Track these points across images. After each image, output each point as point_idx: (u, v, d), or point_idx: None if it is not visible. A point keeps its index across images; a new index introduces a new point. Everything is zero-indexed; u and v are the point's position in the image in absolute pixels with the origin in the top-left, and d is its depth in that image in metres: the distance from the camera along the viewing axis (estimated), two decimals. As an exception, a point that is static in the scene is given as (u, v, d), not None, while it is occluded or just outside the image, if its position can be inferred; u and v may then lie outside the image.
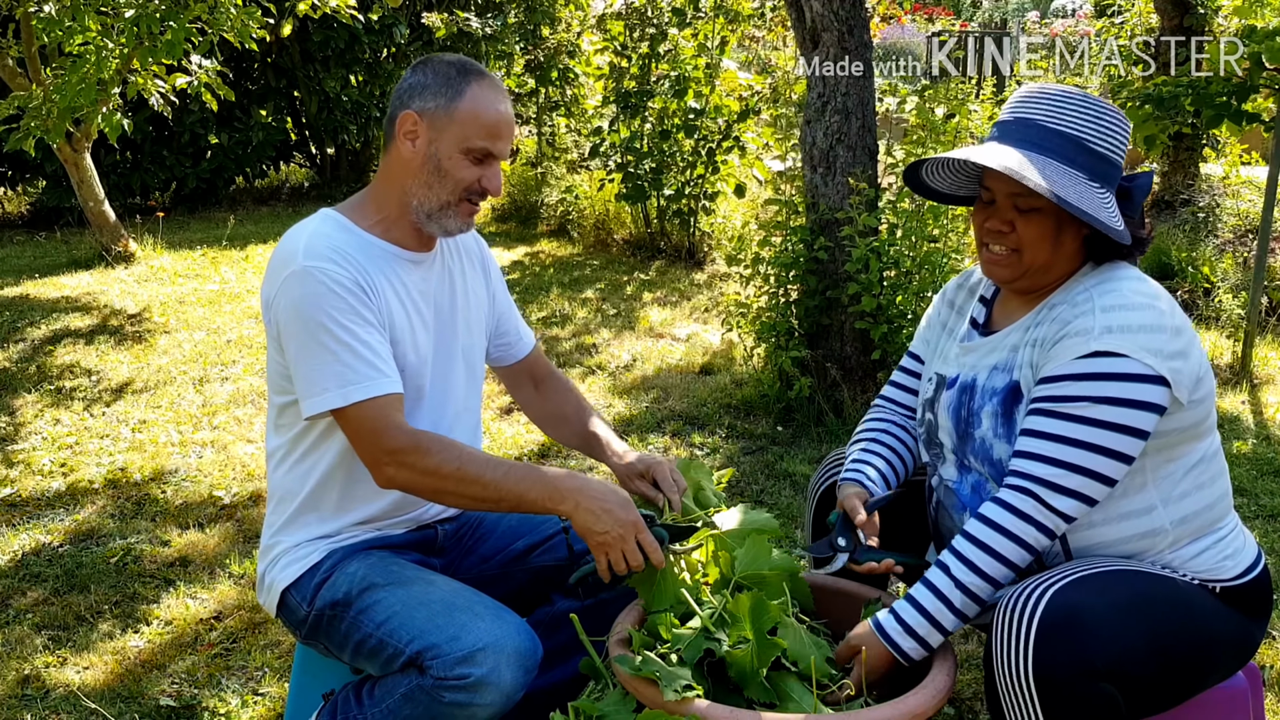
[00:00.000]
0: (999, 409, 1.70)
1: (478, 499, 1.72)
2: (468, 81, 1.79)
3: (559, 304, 5.84)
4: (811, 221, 4.02)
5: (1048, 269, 1.70)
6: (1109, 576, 1.58)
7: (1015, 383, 1.69)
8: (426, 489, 1.74)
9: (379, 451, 1.71)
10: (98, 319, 5.58)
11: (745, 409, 4.21)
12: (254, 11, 5.72)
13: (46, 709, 2.37)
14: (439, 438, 1.74)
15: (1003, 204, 1.69)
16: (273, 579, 1.87)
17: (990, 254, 1.72)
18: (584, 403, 2.15)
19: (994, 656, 1.53)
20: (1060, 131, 1.65)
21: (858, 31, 3.89)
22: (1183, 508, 1.66)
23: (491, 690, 1.61)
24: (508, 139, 1.82)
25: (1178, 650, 1.57)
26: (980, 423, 1.72)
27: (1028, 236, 1.67)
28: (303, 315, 1.72)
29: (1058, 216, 1.66)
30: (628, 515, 1.68)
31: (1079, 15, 11.23)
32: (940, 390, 1.84)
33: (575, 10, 7.83)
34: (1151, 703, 1.58)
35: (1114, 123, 1.68)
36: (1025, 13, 15.42)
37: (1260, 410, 4.17)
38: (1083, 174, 1.64)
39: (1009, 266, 1.71)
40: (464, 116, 1.78)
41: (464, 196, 1.82)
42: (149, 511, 3.38)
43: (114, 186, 8.18)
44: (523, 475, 1.71)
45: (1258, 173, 7.23)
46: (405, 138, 1.80)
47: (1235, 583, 1.67)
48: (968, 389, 1.77)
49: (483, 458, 1.73)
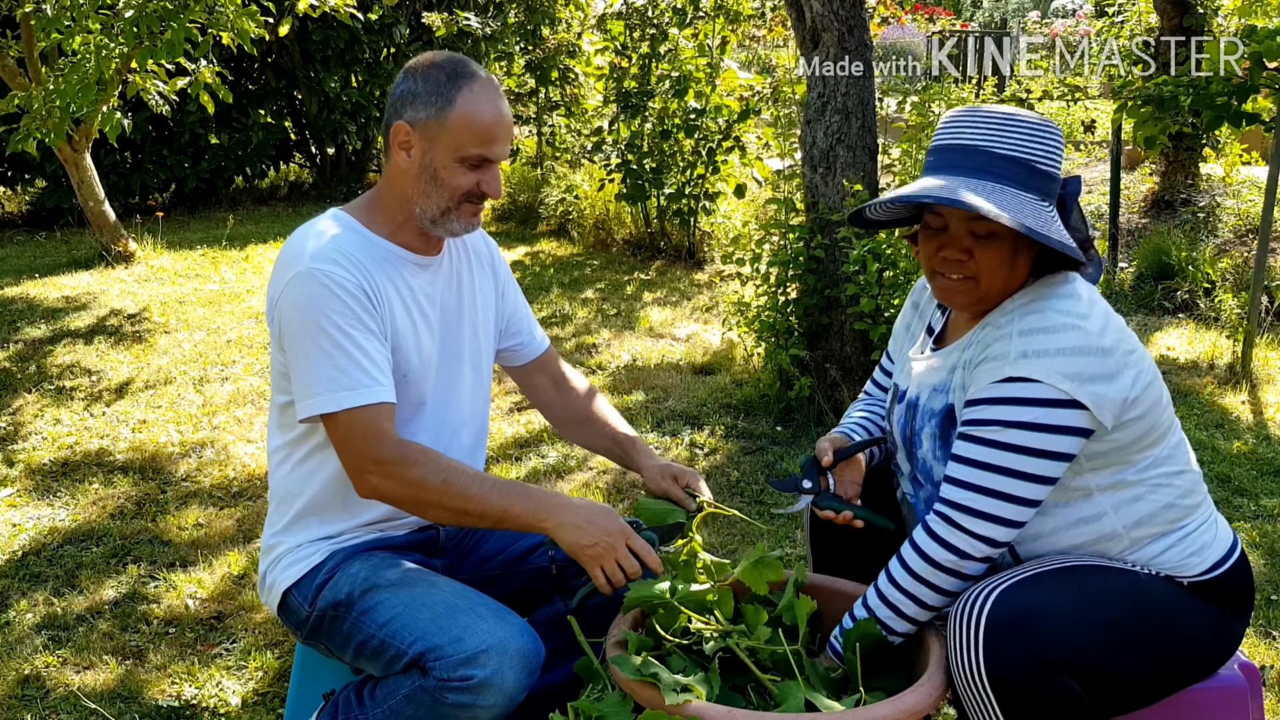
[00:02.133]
0: (936, 431, 1.71)
1: (460, 513, 1.72)
2: (458, 88, 1.76)
3: (559, 304, 5.84)
4: (811, 221, 4.03)
5: (1001, 291, 1.69)
6: (1061, 572, 1.60)
7: (950, 406, 1.69)
8: (409, 500, 1.73)
9: (365, 460, 1.71)
10: (97, 319, 5.58)
11: (745, 409, 4.21)
12: (253, 11, 5.72)
13: (46, 709, 2.37)
14: (425, 450, 1.74)
15: (957, 231, 1.66)
16: (274, 579, 1.87)
17: (947, 282, 1.69)
18: (608, 405, 2.13)
19: (950, 659, 1.54)
20: (1008, 156, 1.62)
21: (858, 31, 3.89)
22: (1136, 511, 1.65)
23: (494, 692, 1.61)
24: (504, 141, 1.80)
25: (1141, 642, 1.57)
26: (921, 443, 1.74)
27: (986, 264, 1.64)
28: (304, 317, 1.72)
29: (1014, 240, 1.64)
30: (613, 525, 1.69)
31: (1079, 15, 11.23)
32: (894, 403, 1.86)
33: (575, 10, 7.83)
34: (1124, 698, 1.58)
35: (1053, 138, 1.65)
36: (1025, 13, 15.42)
37: (1260, 410, 4.17)
38: (1034, 195, 1.62)
39: (966, 293, 1.68)
40: (456, 125, 1.75)
41: (463, 201, 1.81)
42: (149, 511, 3.38)
43: (114, 186, 8.18)
44: (506, 491, 1.71)
45: (1258, 173, 7.23)
46: (400, 148, 1.79)
47: (1204, 577, 1.66)
48: (912, 407, 1.78)
49: (469, 473, 1.73)
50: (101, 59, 5.46)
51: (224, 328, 5.39)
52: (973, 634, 1.51)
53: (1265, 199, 4.45)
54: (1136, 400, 1.60)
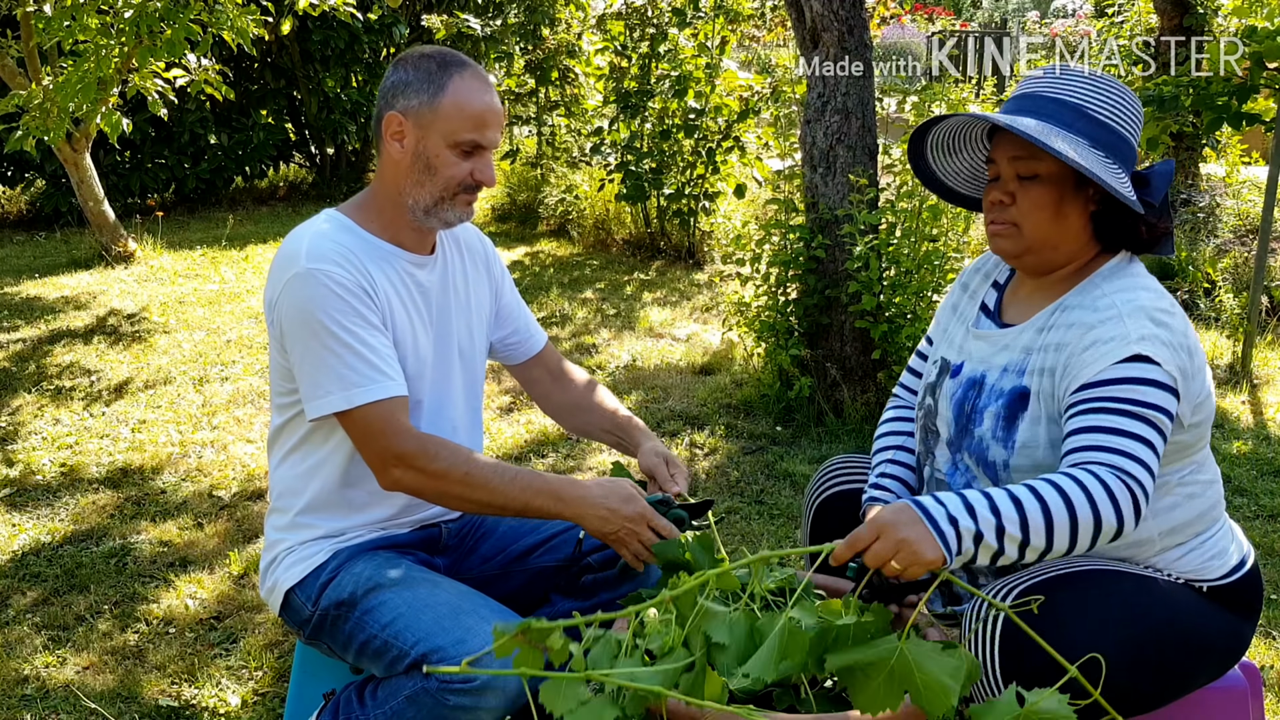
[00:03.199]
0: (1002, 411, 1.67)
1: (482, 504, 1.74)
2: (449, 75, 1.77)
3: (559, 304, 5.83)
4: (811, 220, 4.03)
5: (1053, 245, 1.67)
6: (1083, 576, 1.57)
7: (1024, 389, 1.65)
8: (431, 492, 1.75)
9: (386, 454, 1.72)
10: (97, 319, 5.58)
11: (745, 409, 4.21)
12: (253, 11, 5.72)
13: (46, 709, 2.37)
14: (445, 441, 1.75)
15: (1005, 174, 1.67)
16: (276, 578, 1.87)
17: (993, 227, 1.70)
18: (606, 392, 2.14)
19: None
20: (1059, 99, 1.64)
21: (858, 31, 3.89)
22: (1173, 518, 1.64)
23: (496, 694, 1.61)
24: (496, 128, 1.80)
25: (1159, 648, 1.55)
26: (981, 421, 1.69)
27: (1026, 205, 1.65)
28: (305, 317, 1.72)
29: (1059, 186, 1.64)
30: (633, 509, 1.71)
31: (1079, 15, 11.22)
32: (943, 376, 1.81)
33: (575, 10, 7.82)
34: (1136, 701, 1.56)
35: (1118, 95, 1.65)
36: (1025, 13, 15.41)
37: (1260, 410, 4.17)
38: (1084, 139, 1.61)
39: (1011, 239, 1.69)
40: (448, 111, 1.76)
41: (457, 190, 1.81)
42: (149, 511, 3.38)
43: (114, 186, 8.17)
44: (528, 483, 1.73)
45: (1258, 173, 7.23)
46: (392, 139, 1.79)
47: (1221, 582, 1.66)
48: (976, 384, 1.73)
49: (489, 464, 1.74)
50: (101, 58, 5.46)
51: (224, 328, 5.39)
52: (989, 636, 1.49)
53: (1265, 199, 4.45)
54: (1201, 405, 1.61)
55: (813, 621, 1.34)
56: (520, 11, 7.75)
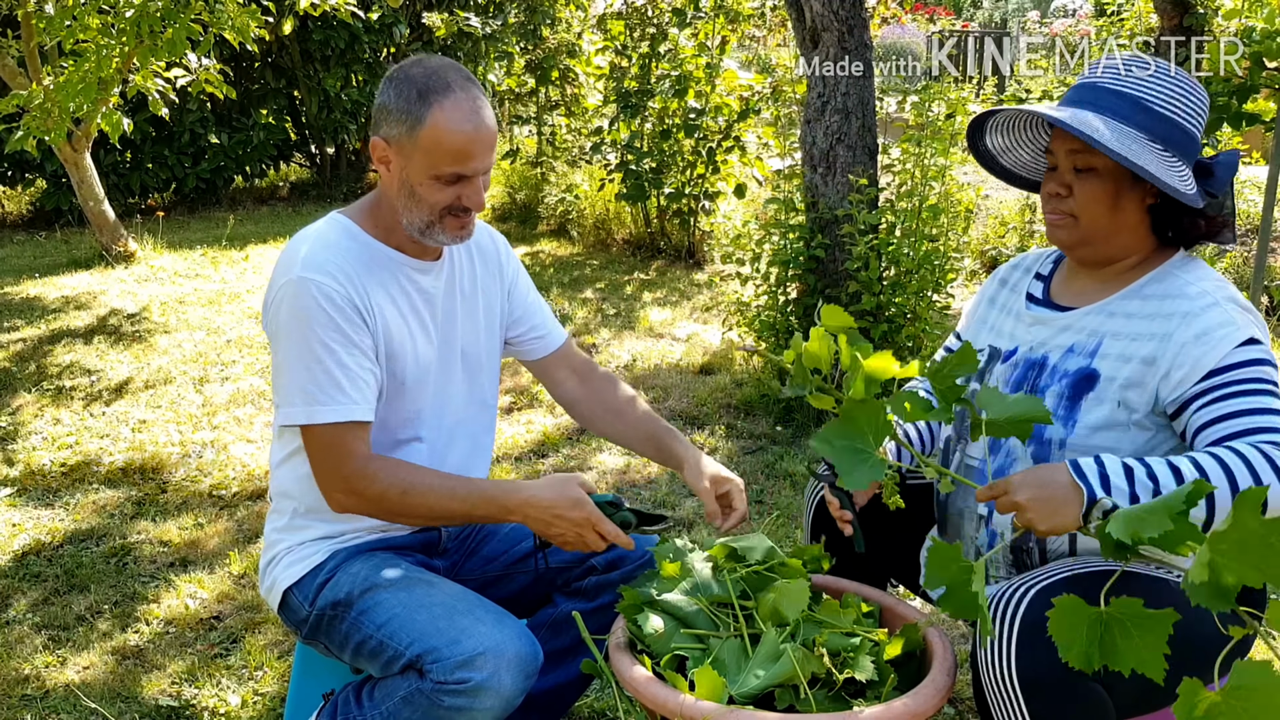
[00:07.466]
0: (1066, 391, 1.68)
1: (426, 519, 1.78)
2: (428, 106, 1.70)
3: (559, 304, 5.84)
4: (811, 220, 4.03)
5: (1108, 238, 1.69)
6: (1101, 576, 1.57)
7: (1093, 371, 1.66)
8: (378, 514, 1.77)
9: (334, 478, 1.73)
10: (97, 319, 5.58)
11: (745, 409, 4.21)
12: (253, 10, 5.72)
13: (46, 709, 2.37)
14: (388, 462, 1.75)
15: (1062, 165, 1.69)
16: (275, 578, 1.87)
17: (1052, 218, 1.72)
18: (638, 396, 2.11)
19: (978, 657, 1.53)
20: (1118, 92, 1.65)
21: (858, 31, 3.89)
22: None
23: (491, 695, 1.61)
24: (481, 157, 1.74)
25: (1173, 656, 1.56)
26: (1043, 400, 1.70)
27: (1083, 198, 1.66)
28: (290, 326, 1.72)
29: (1115, 180, 1.65)
30: (578, 514, 1.71)
31: (1079, 15, 11.22)
32: (993, 362, 1.82)
33: (575, 10, 7.82)
34: (1144, 700, 1.57)
35: (1180, 87, 1.65)
36: (1025, 12, 15.41)
37: (1260, 410, 4.17)
38: (1141, 134, 1.62)
39: (1067, 230, 1.71)
40: (427, 145, 1.71)
41: (445, 215, 1.78)
42: (149, 511, 3.38)
43: (114, 186, 8.18)
44: (467, 494, 1.74)
45: (1258, 173, 7.23)
46: (380, 163, 1.78)
47: None
48: (1036, 365, 1.74)
49: (431, 480, 1.74)
50: (102, 58, 5.46)
51: (224, 328, 5.39)
52: (1006, 634, 1.49)
53: (1265, 199, 4.45)
54: None
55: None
56: (520, 11, 7.75)
